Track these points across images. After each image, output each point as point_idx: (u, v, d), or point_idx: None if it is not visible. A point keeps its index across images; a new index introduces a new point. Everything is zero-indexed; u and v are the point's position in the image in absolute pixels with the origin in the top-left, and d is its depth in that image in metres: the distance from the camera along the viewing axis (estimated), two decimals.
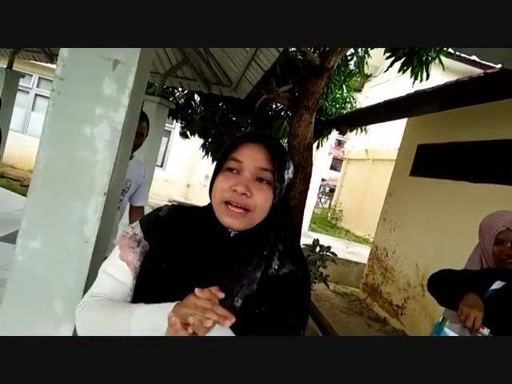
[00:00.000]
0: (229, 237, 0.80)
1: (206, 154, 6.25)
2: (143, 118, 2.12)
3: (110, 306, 0.75)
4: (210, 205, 0.83)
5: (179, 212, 0.87)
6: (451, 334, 1.20)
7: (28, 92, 9.86)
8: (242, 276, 0.77)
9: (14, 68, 6.40)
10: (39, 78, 9.90)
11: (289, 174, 0.82)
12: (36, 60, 6.80)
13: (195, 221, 0.83)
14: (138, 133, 1.93)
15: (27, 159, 8.44)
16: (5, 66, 6.36)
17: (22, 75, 6.75)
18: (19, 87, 7.01)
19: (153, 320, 0.66)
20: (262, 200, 0.77)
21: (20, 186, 7.12)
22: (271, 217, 0.80)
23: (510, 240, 1.63)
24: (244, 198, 0.76)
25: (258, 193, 0.77)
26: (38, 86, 9.97)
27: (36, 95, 9.99)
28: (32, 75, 9.75)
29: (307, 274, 0.85)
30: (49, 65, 7.47)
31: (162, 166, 10.03)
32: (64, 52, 1.37)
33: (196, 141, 6.60)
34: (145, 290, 0.77)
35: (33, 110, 9.92)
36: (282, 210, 0.83)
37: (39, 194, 1.38)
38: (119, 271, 0.79)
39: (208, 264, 0.77)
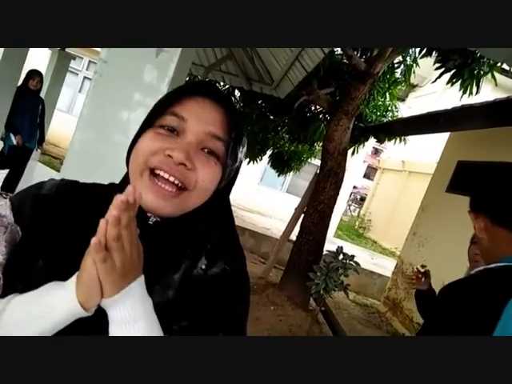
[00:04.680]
0: (146, 225, 0.55)
1: None
2: None
3: None
4: (120, 182, 0.62)
5: (71, 189, 0.62)
6: None
7: (77, 74, 10.26)
8: (155, 280, 0.54)
9: (66, 50, 6.68)
10: (89, 61, 10.28)
11: (242, 153, 0.61)
12: None
13: (95, 201, 0.58)
14: None
15: (70, 139, 8.73)
16: (58, 48, 6.65)
17: (73, 57, 7.07)
18: (70, 68, 7.32)
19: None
20: (206, 178, 0.55)
21: (60, 164, 7.43)
22: (209, 204, 0.58)
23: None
24: (182, 169, 0.53)
25: (202, 167, 0.54)
26: (87, 69, 10.35)
27: (84, 77, 10.37)
28: (83, 58, 10.14)
29: (245, 275, 0.62)
30: (100, 49, 7.74)
31: None
32: None
33: None
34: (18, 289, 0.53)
35: (80, 91, 10.31)
36: (225, 197, 0.62)
37: (71, 172, 1.42)
38: None
39: None
